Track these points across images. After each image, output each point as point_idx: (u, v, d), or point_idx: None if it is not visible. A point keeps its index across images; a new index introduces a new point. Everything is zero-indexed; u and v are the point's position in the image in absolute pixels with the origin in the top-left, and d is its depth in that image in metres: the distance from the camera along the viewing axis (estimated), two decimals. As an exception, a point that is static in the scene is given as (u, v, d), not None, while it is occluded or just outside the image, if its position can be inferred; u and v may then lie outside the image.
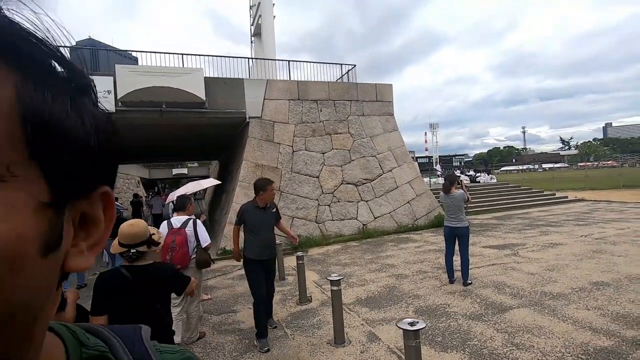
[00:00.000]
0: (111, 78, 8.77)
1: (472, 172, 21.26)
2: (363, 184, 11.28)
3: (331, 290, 3.78)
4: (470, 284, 5.24)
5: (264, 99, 10.82)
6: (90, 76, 0.30)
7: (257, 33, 19.51)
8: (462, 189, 5.28)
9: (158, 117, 9.60)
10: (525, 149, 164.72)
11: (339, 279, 3.77)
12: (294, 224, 9.89)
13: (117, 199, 10.30)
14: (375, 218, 10.94)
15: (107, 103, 7.80)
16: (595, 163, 68.75)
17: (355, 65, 13.04)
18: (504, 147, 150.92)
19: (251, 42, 20.81)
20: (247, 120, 10.54)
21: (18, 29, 0.24)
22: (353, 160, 11.41)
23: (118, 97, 8.68)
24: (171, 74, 9.08)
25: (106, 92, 8.63)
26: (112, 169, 0.31)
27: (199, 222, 4.04)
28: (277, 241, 5.62)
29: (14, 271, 0.23)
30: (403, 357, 3.09)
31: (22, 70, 0.24)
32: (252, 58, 13.63)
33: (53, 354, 0.31)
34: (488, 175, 19.59)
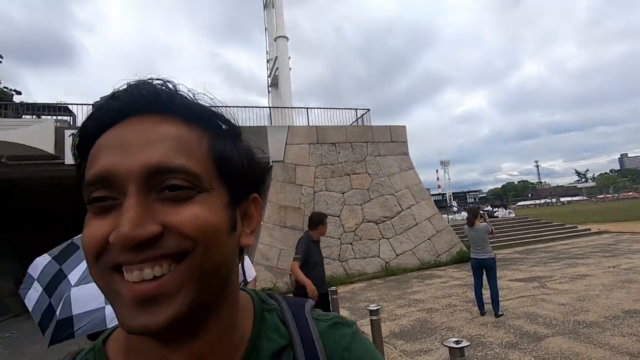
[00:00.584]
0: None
1: (489, 207, 21.20)
2: (383, 221, 11.52)
3: (370, 320, 4.00)
4: (502, 315, 5.33)
5: (286, 143, 11.51)
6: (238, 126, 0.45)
7: (274, 83, 20.92)
8: (485, 222, 5.55)
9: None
10: (541, 182, 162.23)
11: (378, 309, 4.00)
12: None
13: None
14: (397, 255, 11.04)
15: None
16: (615, 195, 67.07)
17: (369, 110, 13.85)
18: (518, 182, 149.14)
19: (268, 91, 22.25)
20: (271, 164, 11.16)
21: (205, 108, 0.41)
22: (372, 199, 11.76)
23: None
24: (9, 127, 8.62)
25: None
26: (257, 182, 0.46)
27: (245, 257, 4.39)
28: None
29: (218, 241, 0.37)
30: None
31: (210, 131, 0.41)
32: (272, 107, 14.63)
33: (246, 304, 0.47)
34: (506, 209, 19.52)
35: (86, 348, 0.46)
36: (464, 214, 21.62)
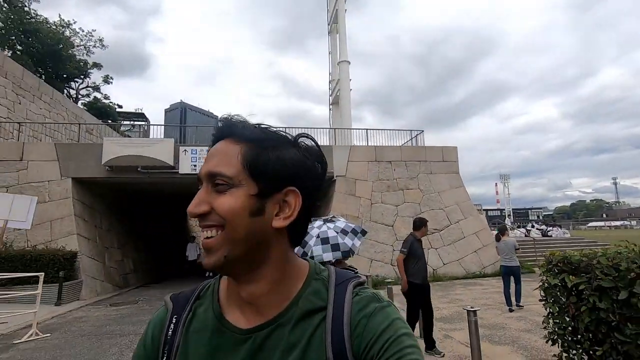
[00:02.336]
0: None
1: (543, 226, 21.13)
2: (432, 233, 12.84)
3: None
4: (522, 307, 6.64)
5: (348, 161, 13.39)
6: (284, 136, 0.61)
7: (335, 102, 23.07)
8: (512, 238, 6.92)
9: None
10: (618, 202, 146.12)
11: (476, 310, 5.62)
12: (372, 265, 11.74)
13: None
14: (444, 264, 12.32)
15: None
16: None
17: (423, 131, 15.27)
18: (590, 200, 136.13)
19: (329, 109, 24.45)
20: (334, 178, 13.10)
21: (246, 131, 0.59)
22: (423, 212, 13.14)
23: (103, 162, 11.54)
24: (149, 144, 11.94)
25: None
26: (290, 178, 0.59)
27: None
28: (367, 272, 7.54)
29: (240, 220, 0.55)
30: (469, 345, 4.77)
31: (247, 145, 0.58)
32: (334, 128, 16.65)
33: (302, 271, 0.63)
34: (561, 229, 19.46)
35: (214, 280, 0.68)
36: (517, 232, 21.79)
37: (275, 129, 0.61)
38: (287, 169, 0.57)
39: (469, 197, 14.02)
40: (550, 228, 19.61)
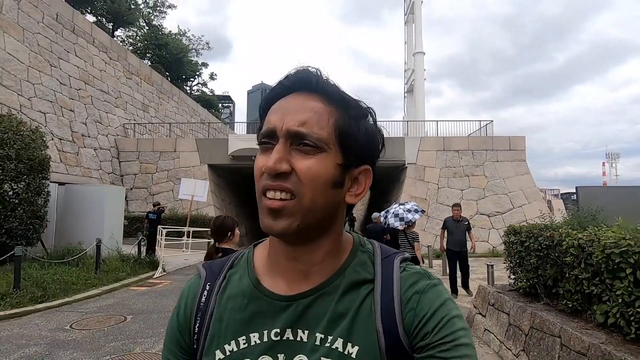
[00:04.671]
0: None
1: None
2: (494, 215, 14.43)
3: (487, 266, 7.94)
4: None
5: (418, 150, 15.45)
6: (366, 107, 0.58)
7: (409, 90, 24.62)
8: None
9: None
10: None
11: (492, 265, 7.93)
12: (436, 240, 13.94)
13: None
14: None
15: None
16: None
17: (492, 121, 16.44)
18: None
19: (404, 96, 26.05)
20: (406, 165, 15.32)
21: (339, 92, 0.56)
22: (486, 197, 14.73)
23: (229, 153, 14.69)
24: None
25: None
26: (370, 155, 0.57)
27: None
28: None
29: (321, 188, 0.52)
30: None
31: (339, 109, 0.55)
32: (407, 121, 18.60)
33: (347, 243, 0.61)
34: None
35: (247, 248, 0.65)
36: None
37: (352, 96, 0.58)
38: (369, 146, 0.57)
39: (534, 183, 15.07)
40: None
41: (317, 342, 0.53)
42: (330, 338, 0.53)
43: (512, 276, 4.74)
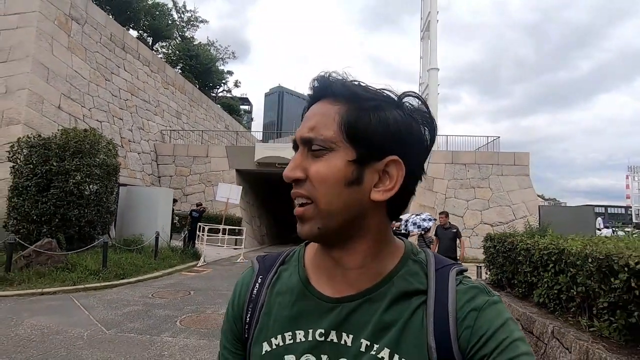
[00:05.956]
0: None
1: None
2: (497, 225, 15.58)
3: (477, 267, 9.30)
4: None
5: (429, 162, 16.46)
6: (389, 96, 0.53)
7: (423, 103, 25.86)
8: None
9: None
10: None
11: (481, 266, 9.26)
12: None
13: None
14: (505, 251, 15.08)
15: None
16: None
17: (499, 137, 17.60)
18: None
19: (418, 109, 27.26)
20: (416, 176, 16.63)
21: (345, 88, 0.53)
22: (491, 208, 15.91)
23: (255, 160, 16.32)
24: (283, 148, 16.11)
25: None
26: (393, 147, 0.52)
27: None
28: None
29: (334, 189, 0.51)
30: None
31: (346, 104, 0.52)
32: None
33: (398, 249, 0.58)
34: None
35: (300, 246, 0.65)
36: (606, 232, 22.02)
37: (377, 88, 0.54)
38: (389, 134, 0.51)
39: (536, 197, 16.18)
40: None
41: (363, 349, 0.52)
42: (376, 346, 0.51)
43: (488, 272, 6.11)
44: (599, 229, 25.19)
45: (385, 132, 0.51)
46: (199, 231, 11.56)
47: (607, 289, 3.08)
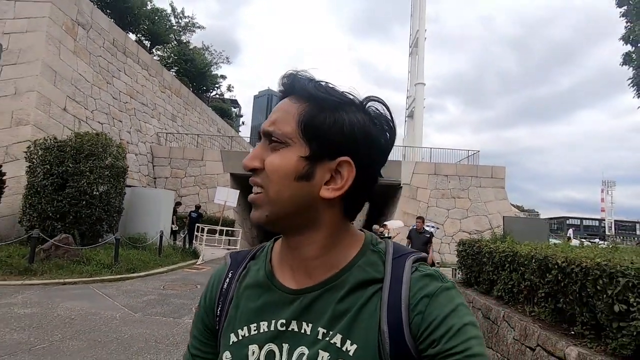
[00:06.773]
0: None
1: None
2: (475, 233, 16.74)
3: (452, 270, 10.26)
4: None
5: (413, 173, 17.85)
6: (348, 98, 0.56)
7: (410, 115, 27.16)
8: None
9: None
10: None
11: (456, 270, 10.24)
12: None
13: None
14: (481, 257, 16.25)
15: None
16: None
17: (479, 151, 18.90)
18: None
19: (405, 120, 28.58)
20: (401, 185, 17.70)
21: (308, 89, 0.55)
22: (469, 217, 17.09)
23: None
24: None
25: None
26: (346, 148, 0.54)
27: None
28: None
29: (284, 181, 0.53)
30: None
31: (306, 103, 0.55)
32: (405, 146, 21.08)
33: (357, 240, 0.60)
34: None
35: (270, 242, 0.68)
36: (575, 242, 23.59)
37: (344, 90, 0.57)
38: (343, 135, 0.54)
39: (511, 208, 17.48)
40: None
41: (320, 337, 0.54)
42: (331, 333, 0.53)
43: (460, 273, 7.08)
44: (569, 239, 26.98)
45: (339, 132, 0.54)
46: (198, 232, 12.25)
47: (544, 282, 4.04)
